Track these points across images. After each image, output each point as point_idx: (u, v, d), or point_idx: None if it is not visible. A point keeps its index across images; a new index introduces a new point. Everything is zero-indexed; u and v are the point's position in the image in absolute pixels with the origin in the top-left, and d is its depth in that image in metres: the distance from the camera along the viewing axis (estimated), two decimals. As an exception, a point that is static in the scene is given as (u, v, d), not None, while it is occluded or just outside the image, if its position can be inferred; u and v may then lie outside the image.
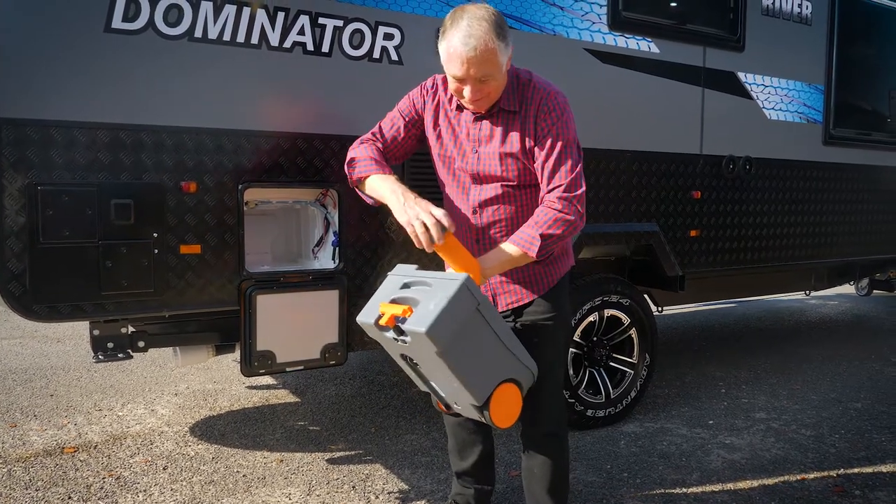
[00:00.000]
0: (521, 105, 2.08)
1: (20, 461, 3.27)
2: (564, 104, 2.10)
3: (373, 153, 2.18)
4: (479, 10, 1.96)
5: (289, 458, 3.36)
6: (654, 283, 4.21)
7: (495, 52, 1.94)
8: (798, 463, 3.38)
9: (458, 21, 1.96)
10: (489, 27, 1.93)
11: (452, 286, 1.85)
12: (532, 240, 2.01)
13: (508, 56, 2.01)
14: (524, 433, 2.36)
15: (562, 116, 2.07)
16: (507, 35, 1.98)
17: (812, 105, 4.68)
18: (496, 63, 1.96)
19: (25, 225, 2.44)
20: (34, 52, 2.41)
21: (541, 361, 2.18)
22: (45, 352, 5.28)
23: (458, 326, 1.85)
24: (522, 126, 2.08)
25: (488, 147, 2.12)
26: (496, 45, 1.94)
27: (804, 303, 7.97)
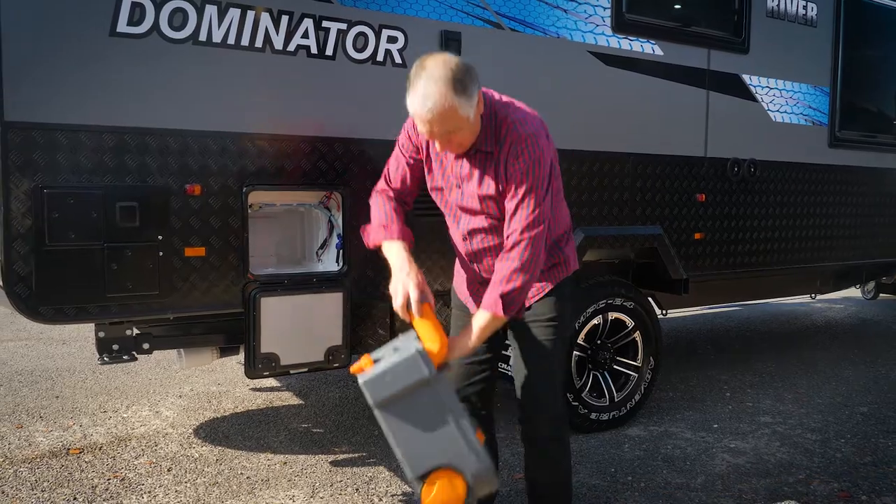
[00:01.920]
0: (496, 145, 2.08)
1: (26, 462, 3.29)
2: (534, 144, 2.05)
3: (382, 216, 2.24)
4: (436, 67, 1.91)
5: (292, 460, 3.37)
6: (659, 286, 4.20)
7: (455, 109, 1.92)
8: (804, 467, 3.37)
9: (416, 81, 1.93)
10: (445, 86, 1.89)
11: (406, 353, 1.94)
12: (495, 302, 2.07)
13: (475, 106, 1.98)
14: (524, 435, 2.36)
15: (529, 160, 2.04)
16: (470, 87, 1.93)
17: (817, 107, 4.66)
18: (458, 118, 1.95)
19: (31, 227, 2.45)
20: (39, 56, 2.42)
21: (540, 362, 2.22)
22: (51, 354, 5.30)
23: (399, 391, 1.92)
24: (496, 168, 2.09)
25: (469, 186, 2.16)
26: (455, 101, 1.91)
27: (809, 306, 7.94)
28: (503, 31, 3.33)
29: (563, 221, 2.34)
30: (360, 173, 3.06)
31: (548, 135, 2.13)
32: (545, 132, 2.12)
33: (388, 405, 1.95)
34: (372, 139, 3.07)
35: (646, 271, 4.18)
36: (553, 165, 2.15)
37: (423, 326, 2.05)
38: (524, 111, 2.14)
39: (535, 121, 2.12)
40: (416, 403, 1.94)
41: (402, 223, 2.25)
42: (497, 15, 3.30)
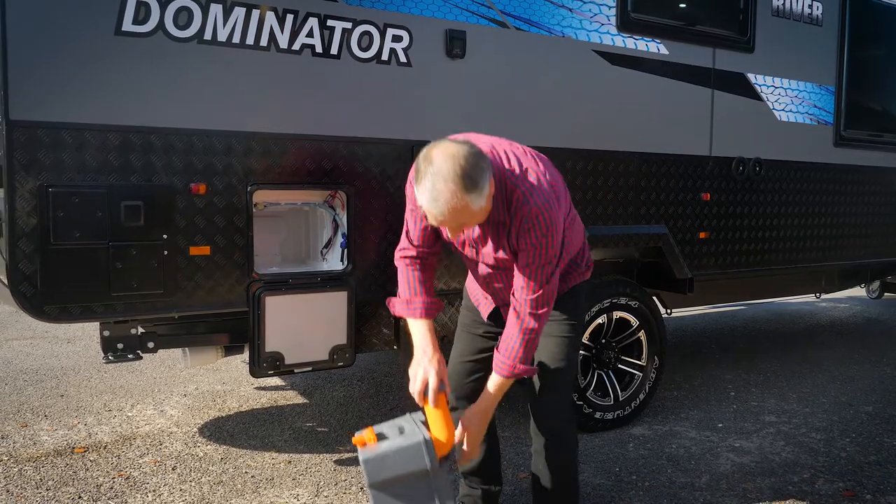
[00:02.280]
0: (508, 215, 2.05)
1: (31, 461, 3.30)
2: (545, 220, 2.01)
3: (406, 289, 2.26)
4: (444, 162, 1.83)
5: (297, 459, 3.37)
6: (663, 286, 4.19)
7: (467, 206, 1.87)
8: (808, 467, 3.36)
9: (424, 178, 1.86)
10: (455, 185, 1.82)
11: (411, 439, 1.97)
12: (512, 367, 2.12)
13: (486, 196, 1.92)
14: (534, 431, 2.37)
15: (540, 237, 2.02)
16: (480, 180, 1.86)
17: (822, 106, 4.65)
18: (470, 212, 1.91)
19: (36, 226, 2.46)
20: (45, 55, 2.42)
21: (554, 359, 2.26)
22: (56, 352, 5.31)
23: (397, 476, 1.95)
24: (508, 236, 2.09)
25: (484, 248, 2.18)
26: (466, 199, 1.86)
27: (814, 306, 7.92)
28: (508, 29, 3.32)
29: (578, 238, 2.37)
30: (364, 172, 3.06)
31: (556, 192, 2.07)
32: (556, 196, 2.05)
33: (383, 487, 1.97)
34: (377, 138, 3.07)
35: (650, 270, 4.17)
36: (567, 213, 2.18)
37: (435, 416, 2.07)
38: (534, 180, 2.04)
39: (544, 190, 2.03)
40: (410, 490, 1.97)
41: (427, 295, 2.26)
42: (502, 14, 3.29)
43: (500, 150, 2.07)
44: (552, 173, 2.12)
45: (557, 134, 3.51)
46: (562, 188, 2.16)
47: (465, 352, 2.48)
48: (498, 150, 2.07)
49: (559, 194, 2.10)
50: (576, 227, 2.35)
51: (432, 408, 2.08)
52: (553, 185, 2.08)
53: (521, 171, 2.04)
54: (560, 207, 2.08)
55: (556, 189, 2.08)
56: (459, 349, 2.49)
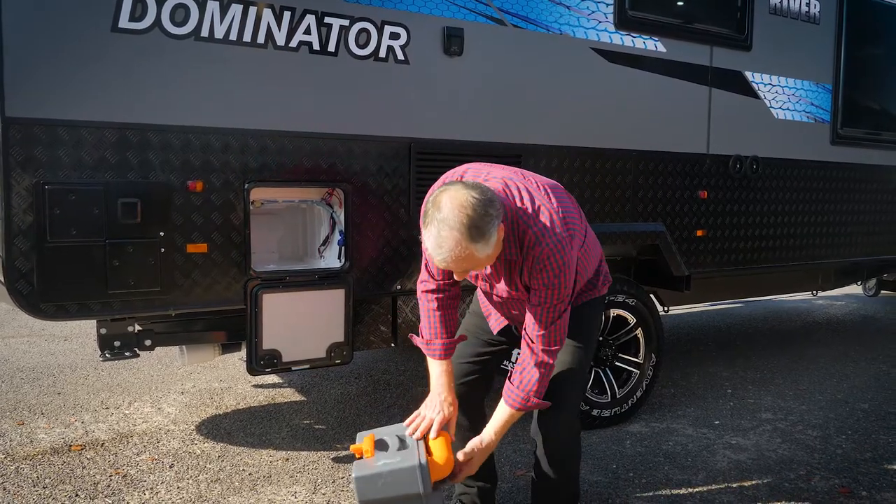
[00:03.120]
0: (520, 255, 2.05)
1: (28, 459, 3.29)
2: (558, 261, 2.01)
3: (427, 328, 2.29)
4: (452, 210, 1.82)
5: (294, 456, 3.37)
6: (661, 283, 4.20)
7: (472, 254, 1.88)
8: (804, 463, 3.37)
9: (430, 223, 1.87)
10: (460, 234, 1.82)
11: (408, 462, 1.96)
12: (525, 400, 2.15)
13: (493, 244, 1.91)
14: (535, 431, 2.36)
15: (553, 278, 2.02)
16: (487, 230, 1.86)
17: (820, 104, 4.65)
18: (475, 259, 1.91)
19: (33, 224, 2.45)
20: (41, 52, 2.42)
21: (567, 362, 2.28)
22: (53, 350, 5.30)
23: (387, 497, 1.95)
24: (521, 274, 2.10)
25: (499, 284, 2.20)
26: (471, 248, 1.86)
27: (811, 303, 7.94)
28: (506, 27, 3.32)
29: (593, 261, 2.38)
30: (362, 170, 3.06)
31: (572, 234, 2.07)
32: (569, 234, 2.05)
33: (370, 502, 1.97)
34: (374, 136, 3.07)
35: (648, 268, 4.18)
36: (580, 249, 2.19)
37: (436, 443, 2.09)
38: (546, 219, 2.02)
39: (556, 230, 2.01)
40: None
41: (447, 335, 2.29)
42: (500, 11, 3.29)
43: (512, 188, 2.05)
44: (566, 207, 2.11)
45: (555, 131, 3.51)
46: (577, 220, 2.16)
47: (464, 354, 2.47)
48: (511, 187, 2.05)
49: (573, 230, 2.08)
50: (591, 251, 2.35)
51: (434, 441, 2.10)
52: (567, 219, 2.06)
53: (534, 209, 2.02)
54: (572, 247, 2.06)
55: (569, 225, 2.06)
56: (459, 351, 2.49)
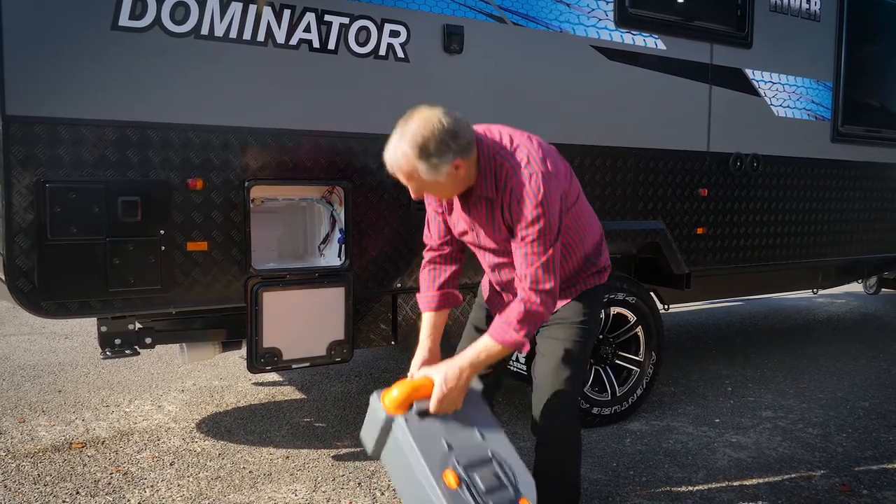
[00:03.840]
0: (497, 192, 2.05)
1: (29, 456, 3.30)
2: (533, 189, 1.99)
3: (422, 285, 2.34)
4: (415, 125, 1.92)
5: (295, 454, 3.37)
6: (661, 281, 4.20)
7: (416, 171, 1.95)
8: (805, 462, 3.37)
9: (396, 129, 1.97)
10: (410, 148, 1.92)
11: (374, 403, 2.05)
12: (504, 332, 2.07)
13: (444, 173, 1.96)
14: (533, 430, 2.36)
15: (532, 207, 1.99)
16: (438, 154, 1.92)
17: (820, 102, 4.65)
18: (420, 179, 1.97)
19: (34, 222, 2.45)
20: (42, 50, 2.42)
21: (563, 363, 2.25)
22: (54, 348, 5.31)
23: (374, 438, 2.02)
24: (501, 214, 2.08)
25: (481, 230, 2.18)
26: (416, 165, 1.93)
27: (811, 301, 7.93)
28: (506, 25, 3.32)
29: (592, 233, 2.33)
30: (362, 168, 3.06)
31: (554, 169, 2.05)
32: (550, 165, 2.04)
33: (379, 454, 2.00)
34: (374, 133, 3.06)
35: (648, 266, 4.18)
36: (567, 194, 2.13)
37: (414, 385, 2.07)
38: (523, 156, 2.03)
39: (533, 164, 2.02)
40: (393, 451, 1.97)
41: (438, 291, 2.30)
42: (499, 9, 3.29)
43: (494, 130, 2.10)
44: (553, 157, 2.10)
45: (555, 129, 3.50)
46: (561, 168, 2.14)
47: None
48: (493, 129, 2.10)
49: (557, 173, 2.07)
50: (586, 221, 2.29)
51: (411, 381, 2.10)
52: (548, 162, 2.05)
53: (512, 147, 2.05)
54: (555, 181, 2.04)
55: (551, 167, 2.06)
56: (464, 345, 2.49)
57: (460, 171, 2.00)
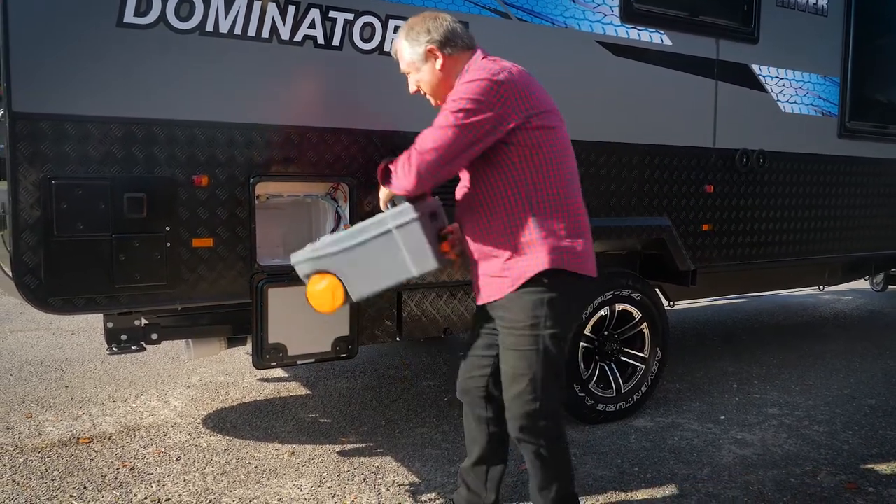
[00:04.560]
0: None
1: (36, 451, 3.32)
2: (476, 77, 2.14)
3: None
4: (415, 17, 2.33)
5: (300, 450, 3.38)
6: (666, 278, 4.19)
7: (401, 50, 2.32)
8: (811, 459, 3.36)
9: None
10: (402, 31, 2.32)
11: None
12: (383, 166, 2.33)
13: (422, 50, 2.25)
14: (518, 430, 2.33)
15: (460, 88, 2.15)
16: (417, 34, 2.26)
17: (827, 97, 4.62)
18: (404, 59, 2.33)
19: (40, 218, 2.46)
20: (47, 47, 2.42)
21: (515, 371, 2.22)
22: (60, 344, 5.34)
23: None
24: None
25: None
26: (402, 43, 2.31)
27: (818, 298, 7.90)
28: (511, 20, 3.31)
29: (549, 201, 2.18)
30: (366, 164, 3.05)
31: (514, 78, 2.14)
32: (515, 75, 2.15)
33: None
34: (378, 130, 3.06)
35: (653, 262, 4.17)
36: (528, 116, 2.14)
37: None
38: (497, 62, 2.21)
39: (501, 64, 2.18)
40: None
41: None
42: (504, 4, 3.28)
43: (492, 57, 2.27)
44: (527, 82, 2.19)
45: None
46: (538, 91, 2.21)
47: (476, 346, 2.48)
48: (491, 55, 2.29)
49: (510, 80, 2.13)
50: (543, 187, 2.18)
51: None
52: (512, 70, 2.17)
53: (489, 64, 2.21)
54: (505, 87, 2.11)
55: (515, 73, 2.16)
56: (470, 342, 2.50)
57: (438, 64, 2.25)
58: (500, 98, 2.10)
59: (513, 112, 2.11)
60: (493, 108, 2.09)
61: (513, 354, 2.23)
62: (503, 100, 2.10)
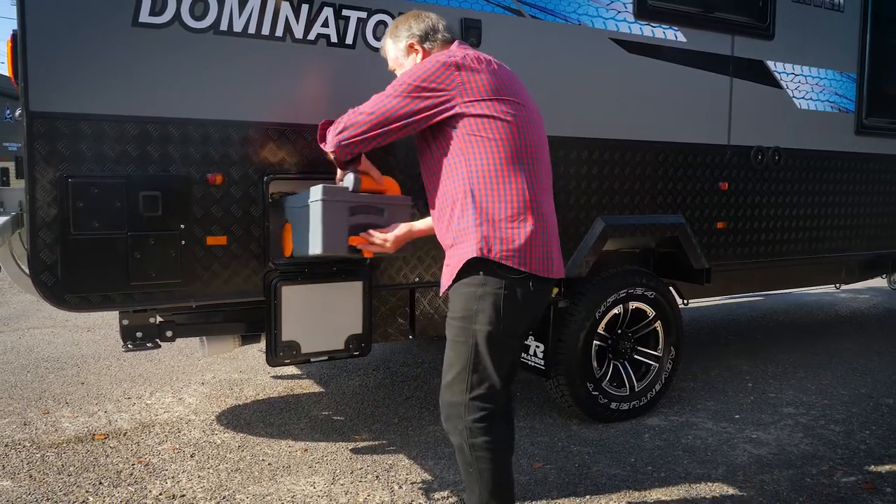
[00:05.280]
0: None
1: (53, 447, 3.35)
2: (418, 65, 2.23)
3: None
4: (401, 16, 2.47)
5: (313, 447, 3.40)
6: (680, 276, 4.16)
7: (388, 47, 2.47)
8: (827, 459, 3.33)
9: None
10: (389, 29, 2.49)
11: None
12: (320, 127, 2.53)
13: (403, 45, 2.40)
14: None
15: (416, 65, 2.26)
16: (398, 32, 2.42)
17: (844, 94, 4.57)
18: (389, 56, 2.48)
19: (57, 217, 2.48)
20: (63, 47, 2.44)
21: (447, 357, 2.22)
22: (77, 341, 5.39)
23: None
24: None
25: None
26: (387, 42, 2.47)
27: (834, 296, 7.83)
28: (524, 18, 3.30)
29: (482, 191, 2.12)
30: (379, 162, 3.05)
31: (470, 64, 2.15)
32: (461, 60, 2.15)
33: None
34: (392, 128, 3.06)
35: (667, 260, 4.14)
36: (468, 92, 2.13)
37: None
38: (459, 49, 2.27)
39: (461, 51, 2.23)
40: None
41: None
42: (517, 2, 3.27)
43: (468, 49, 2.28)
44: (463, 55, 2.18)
45: (573, 123, 3.49)
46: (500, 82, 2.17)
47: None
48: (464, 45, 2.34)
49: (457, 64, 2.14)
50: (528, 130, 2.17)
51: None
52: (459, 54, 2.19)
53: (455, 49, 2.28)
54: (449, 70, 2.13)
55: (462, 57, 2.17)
56: None
57: (418, 58, 2.36)
58: (447, 79, 2.13)
59: (458, 95, 2.12)
60: (438, 87, 2.14)
61: (448, 344, 2.23)
62: (449, 81, 2.13)
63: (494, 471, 2.18)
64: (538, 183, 2.19)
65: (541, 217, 2.16)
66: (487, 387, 2.17)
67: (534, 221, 2.13)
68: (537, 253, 2.14)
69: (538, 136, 2.24)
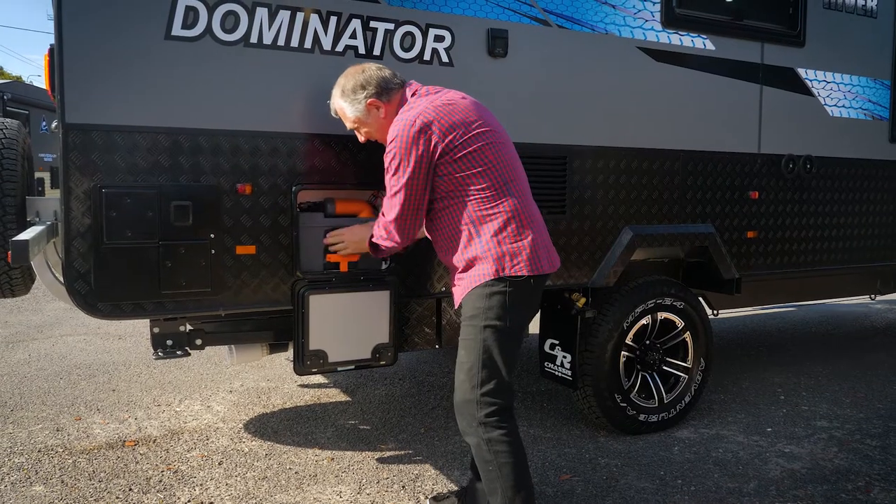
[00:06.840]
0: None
1: (84, 453, 3.40)
2: (397, 126, 2.32)
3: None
4: (341, 76, 2.52)
5: (340, 456, 3.40)
6: (710, 286, 4.10)
7: (343, 110, 2.53)
8: (863, 474, 3.25)
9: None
10: (337, 91, 2.52)
11: None
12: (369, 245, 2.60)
13: (363, 107, 2.46)
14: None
15: (388, 153, 2.34)
16: (355, 92, 2.45)
17: (878, 101, 4.49)
18: (348, 118, 2.54)
19: (91, 226, 2.53)
20: (98, 60, 2.50)
21: (460, 356, 2.38)
22: (108, 348, 5.48)
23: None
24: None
25: None
26: (341, 104, 2.52)
27: (869, 307, 7.65)
28: (550, 28, 3.30)
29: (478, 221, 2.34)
30: (406, 172, 3.06)
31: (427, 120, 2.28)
32: (427, 116, 2.28)
33: None
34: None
35: (696, 270, 4.09)
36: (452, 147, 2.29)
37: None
38: (418, 102, 2.37)
39: (417, 108, 2.32)
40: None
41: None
42: (544, 12, 3.27)
43: (428, 89, 2.44)
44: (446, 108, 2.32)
45: (601, 132, 3.47)
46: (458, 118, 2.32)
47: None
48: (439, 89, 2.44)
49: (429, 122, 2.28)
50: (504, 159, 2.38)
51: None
52: (427, 111, 2.31)
53: (418, 100, 2.39)
54: (416, 130, 2.27)
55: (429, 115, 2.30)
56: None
57: (381, 112, 2.46)
58: (419, 144, 2.28)
59: (434, 151, 2.30)
60: (419, 155, 2.29)
61: (460, 345, 2.39)
62: (422, 144, 2.28)
63: (514, 464, 2.29)
64: (522, 194, 2.40)
65: (534, 223, 2.39)
66: (496, 382, 2.31)
67: (531, 230, 2.36)
68: (539, 255, 2.36)
69: (509, 151, 2.44)
